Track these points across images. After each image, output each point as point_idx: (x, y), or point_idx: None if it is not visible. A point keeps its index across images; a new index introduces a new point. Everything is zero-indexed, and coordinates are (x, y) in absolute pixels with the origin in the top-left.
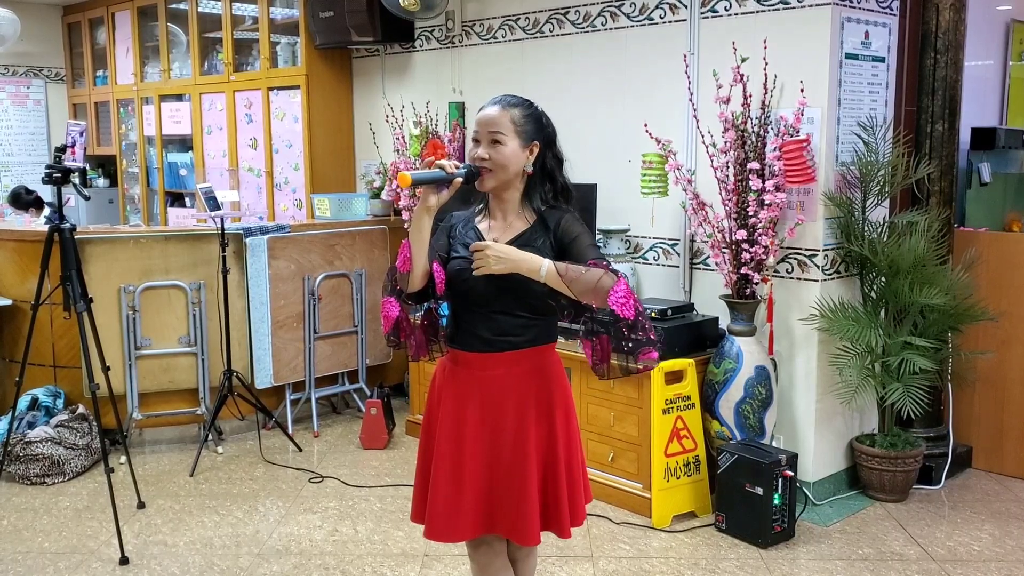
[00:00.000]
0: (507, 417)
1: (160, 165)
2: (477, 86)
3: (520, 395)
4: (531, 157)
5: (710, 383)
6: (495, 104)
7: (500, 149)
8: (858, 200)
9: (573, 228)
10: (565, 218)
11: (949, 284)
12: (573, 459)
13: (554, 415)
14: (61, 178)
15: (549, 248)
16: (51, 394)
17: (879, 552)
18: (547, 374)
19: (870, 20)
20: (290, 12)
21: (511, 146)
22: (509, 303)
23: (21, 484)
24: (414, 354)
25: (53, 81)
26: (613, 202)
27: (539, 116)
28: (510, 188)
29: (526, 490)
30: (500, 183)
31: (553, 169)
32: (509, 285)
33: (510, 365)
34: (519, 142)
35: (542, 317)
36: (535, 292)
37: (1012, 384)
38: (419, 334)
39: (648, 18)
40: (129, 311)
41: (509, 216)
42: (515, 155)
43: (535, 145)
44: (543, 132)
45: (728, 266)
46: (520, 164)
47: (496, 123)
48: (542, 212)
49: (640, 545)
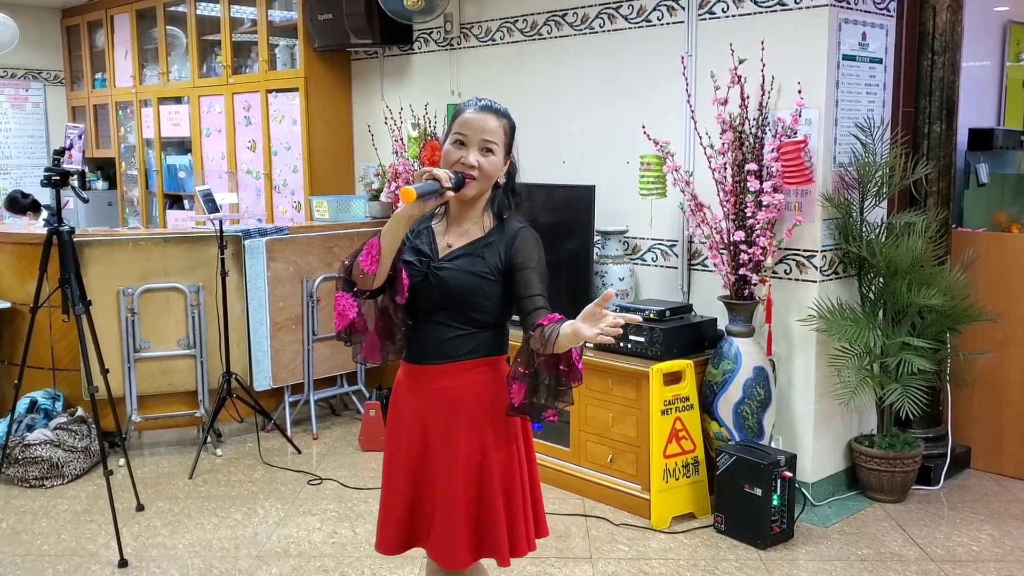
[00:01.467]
0: (436, 432)
1: (159, 168)
2: (475, 88)
3: (453, 410)
4: (505, 168)
5: (709, 384)
6: (485, 110)
7: (491, 159)
8: (856, 201)
9: (530, 250)
10: (523, 234)
11: (947, 285)
12: (513, 482)
13: (487, 434)
14: (60, 181)
15: (497, 258)
16: (50, 397)
17: (878, 553)
18: (485, 390)
19: (867, 21)
20: (289, 14)
21: (499, 156)
22: (451, 314)
23: (20, 487)
24: (364, 355)
25: (52, 84)
26: (611, 203)
27: (515, 127)
28: (481, 198)
29: (451, 510)
30: (480, 192)
31: (514, 178)
32: (453, 295)
33: (446, 378)
34: (503, 152)
35: (484, 330)
36: (480, 305)
37: (1011, 384)
38: (372, 335)
39: (646, 20)
40: (128, 313)
41: (466, 223)
42: (499, 166)
43: (511, 157)
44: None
45: (726, 267)
46: (498, 174)
47: (491, 131)
48: (503, 220)
49: (639, 546)
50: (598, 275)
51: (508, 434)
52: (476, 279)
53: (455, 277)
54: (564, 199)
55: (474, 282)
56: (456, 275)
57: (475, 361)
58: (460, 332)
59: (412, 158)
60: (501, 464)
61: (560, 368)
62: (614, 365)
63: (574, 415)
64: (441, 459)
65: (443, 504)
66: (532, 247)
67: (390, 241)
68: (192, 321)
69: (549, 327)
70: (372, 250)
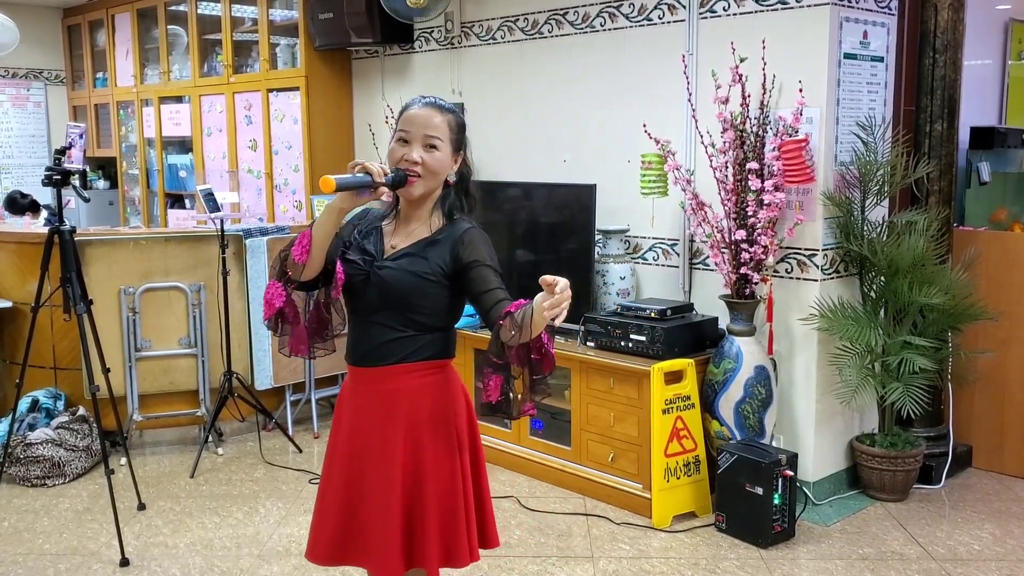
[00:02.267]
0: (373, 437)
1: (160, 167)
2: (476, 87)
3: (392, 414)
4: (455, 166)
5: (710, 383)
6: (429, 106)
7: (436, 155)
8: (857, 200)
9: (479, 247)
10: (471, 233)
11: (948, 283)
12: (453, 494)
13: (426, 442)
14: (61, 180)
15: (442, 260)
16: (51, 396)
17: (879, 552)
18: (425, 395)
19: (869, 20)
20: (289, 14)
21: (445, 153)
22: (391, 315)
23: (21, 486)
24: (291, 347)
25: (53, 83)
26: (612, 202)
27: (465, 125)
28: (430, 196)
29: (385, 517)
30: (428, 190)
31: (467, 179)
32: (392, 296)
33: (387, 381)
34: (450, 149)
35: (427, 333)
36: (420, 306)
37: (1012, 383)
38: (301, 328)
39: (647, 18)
40: (129, 313)
41: (413, 223)
42: (447, 163)
43: (460, 154)
44: (464, 141)
45: (727, 266)
46: (447, 172)
47: (435, 126)
48: (453, 221)
49: (640, 545)
50: (599, 274)
51: (450, 443)
52: (416, 280)
53: (395, 277)
54: (565, 198)
55: (414, 283)
56: (396, 275)
57: (416, 364)
58: (401, 334)
59: None
60: (440, 474)
61: (532, 357)
62: (615, 364)
63: (575, 414)
64: (377, 465)
65: (376, 511)
66: (481, 245)
67: (321, 232)
68: (193, 320)
69: (519, 311)
70: (304, 240)
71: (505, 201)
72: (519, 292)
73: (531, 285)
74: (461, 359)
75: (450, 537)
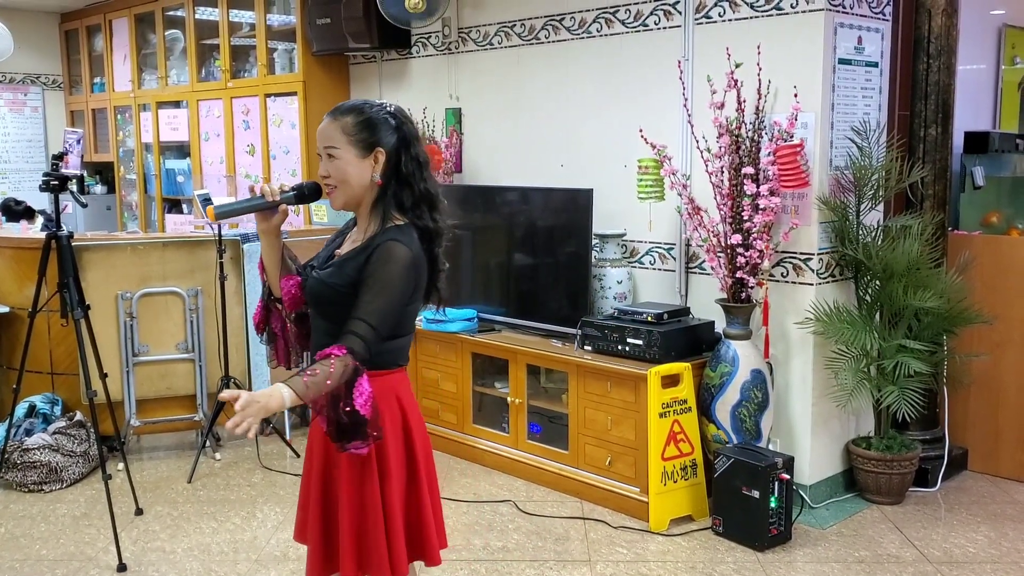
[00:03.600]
0: (316, 444)
1: (158, 172)
2: (474, 92)
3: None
4: (377, 166)
5: (706, 387)
6: (328, 116)
7: (335, 163)
8: (852, 204)
9: (376, 265)
10: (382, 247)
11: (943, 287)
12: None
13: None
14: (58, 185)
15: (355, 270)
16: (49, 401)
17: (875, 555)
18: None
19: (863, 25)
20: (287, 19)
21: (346, 158)
22: (326, 325)
23: (18, 491)
24: (277, 359)
25: (51, 88)
26: (609, 207)
27: (379, 120)
28: (363, 202)
29: (312, 517)
30: (349, 198)
31: (411, 175)
32: (313, 305)
33: None
34: (355, 152)
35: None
36: (339, 316)
37: (1007, 386)
38: (281, 341)
39: (643, 24)
40: (127, 318)
41: (356, 232)
42: (354, 167)
43: (379, 152)
44: (389, 136)
45: (723, 270)
46: (363, 176)
47: (327, 136)
48: (385, 228)
49: (637, 549)
50: (596, 278)
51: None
52: (329, 291)
53: (313, 287)
54: (562, 202)
55: (327, 293)
56: (315, 285)
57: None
58: (331, 341)
59: None
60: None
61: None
62: (612, 368)
63: (572, 418)
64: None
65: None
66: (381, 263)
67: (265, 257)
68: (191, 325)
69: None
70: (261, 264)
71: (503, 205)
72: (517, 298)
73: (529, 290)
74: (458, 363)
75: (366, 549)
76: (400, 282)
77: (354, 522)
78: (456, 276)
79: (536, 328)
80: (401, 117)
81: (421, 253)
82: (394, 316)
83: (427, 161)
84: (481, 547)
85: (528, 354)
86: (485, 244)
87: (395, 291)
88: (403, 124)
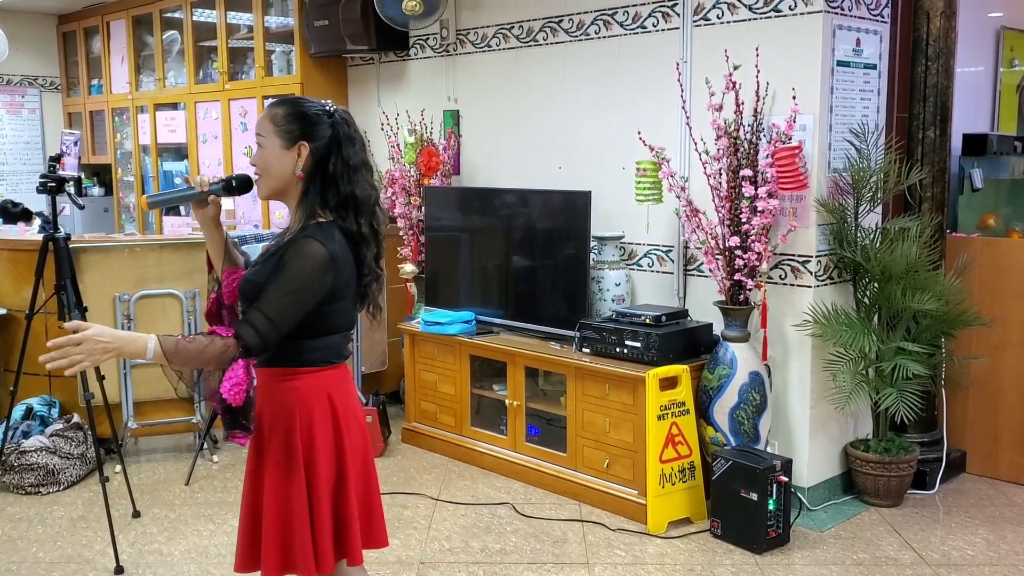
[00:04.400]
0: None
1: (155, 174)
2: (472, 94)
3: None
4: (300, 160)
5: (705, 389)
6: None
7: (260, 152)
8: (851, 206)
9: (283, 263)
10: (295, 244)
11: (942, 290)
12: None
13: (263, 446)
14: (55, 187)
15: (271, 268)
16: (46, 403)
17: (874, 557)
18: (266, 401)
19: (861, 27)
20: (285, 21)
21: (270, 147)
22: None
23: (16, 494)
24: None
25: (48, 90)
26: (607, 209)
27: (310, 115)
28: (287, 195)
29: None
30: (271, 189)
31: (338, 175)
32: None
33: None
34: (279, 143)
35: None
36: None
37: (1005, 389)
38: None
39: (641, 26)
40: (124, 320)
41: (288, 228)
42: (277, 158)
43: (301, 146)
44: (319, 132)
45: (722, 272)
46: (285, 168)
47: (259, 126)
48: (306, 225)
49: (636, 551)
50: (594, 280)
51: (287, 455)
52: (250, 287)
53: (240, 283)
54: (560, 205)
55: (249, 290)
56: (241, 281)
57: (262, 369)
58: None
59: (409, 164)
60: (273, 484)
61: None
62: (611, 370)
63: (570, 420)
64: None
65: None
66: (290, 259)
67: (208, 247)
68: (188, 327)
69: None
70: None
71: (501, 207)
72: (515, 301)
73: (527, 292)
74: (456, 365)
75: (291, 547)
76: (306, 279)
77: (279, 519)
78: (454, 278)
79: (534, 330)
80: (339, 118)
81: (342, 253)
82: (296, 312)
83: (361, 166)
84: (479, 549)
85: (526, 356)
86: (483, 246)
87: (298, 287)
88: (339, 125)
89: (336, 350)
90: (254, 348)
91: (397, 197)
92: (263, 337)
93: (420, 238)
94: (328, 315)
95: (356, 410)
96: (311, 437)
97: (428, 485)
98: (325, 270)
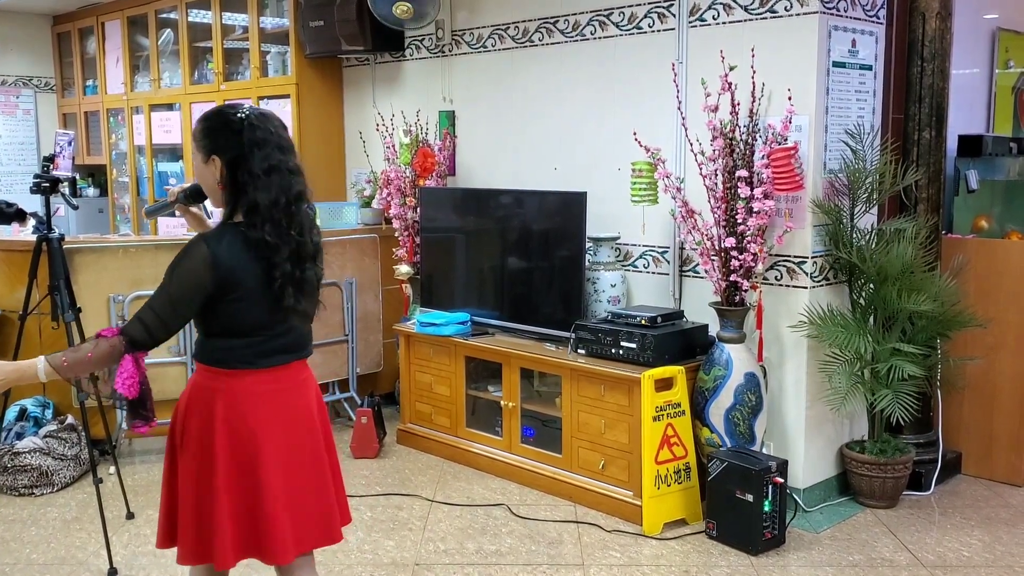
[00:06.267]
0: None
1: (150, 174)
2: (467, 95)
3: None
4: (216, 172)
5: (700, 390)
6: None
7: (195, 166)
8: (846, 207)
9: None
10: (185, 246)
11: (937, 291)
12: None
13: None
14: (49, 187)
15: None
16: (39, 404)
17: (869, 558)
18: (187, 390)
19: (857, 28)
20: (280, 21)
21: (196, 163)
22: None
23: (9, 495)
24: None
25: (43, 91)
26: (603, 210)
27: (218, 127)
28: (219, 204)
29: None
30: (211, 199)
31: (244, 184)
32: None
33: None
34: (200, 157)
35: (201, 336)
36: None
37: (1001, 390)
38: None
39: (637, 27)
40: (118, 320)
41: None
42: (200, 172)
43: (214, 159)
44: (227, 143)
45: (717, 273)
46: (208, 180)
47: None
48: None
49: (631, 553)
50: (590, 281)
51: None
52: None
53: None
54: (556, 206)
55: None
56: None
57: (197, 363)
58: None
59: (404, 165)
60: (182, 471)
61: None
62: (606, 371)
63: (566, 421)
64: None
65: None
66: (174, 261)
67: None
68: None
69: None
70: None
71: (496, 209)
72: (510, 302)
73: (522, 293)
74: (452, 367)
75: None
76: (184, 276)
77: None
78: (450, 279)
79: (530, 332)
80: (248, 123)
81: (230, 255)
82: (180, 307)
83: (267, 171)
84: (474, 551)
85: (521, 358)
86: (478, 247)
87: (176, 284)
88: (246, 131)
89: (238, 354)
90: (139, 341)
91: (393, 198)
92: (149, 331)
93: (415, 239)
94: (225, 316)
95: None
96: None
97: (423, 486)
98: (204, 269)
